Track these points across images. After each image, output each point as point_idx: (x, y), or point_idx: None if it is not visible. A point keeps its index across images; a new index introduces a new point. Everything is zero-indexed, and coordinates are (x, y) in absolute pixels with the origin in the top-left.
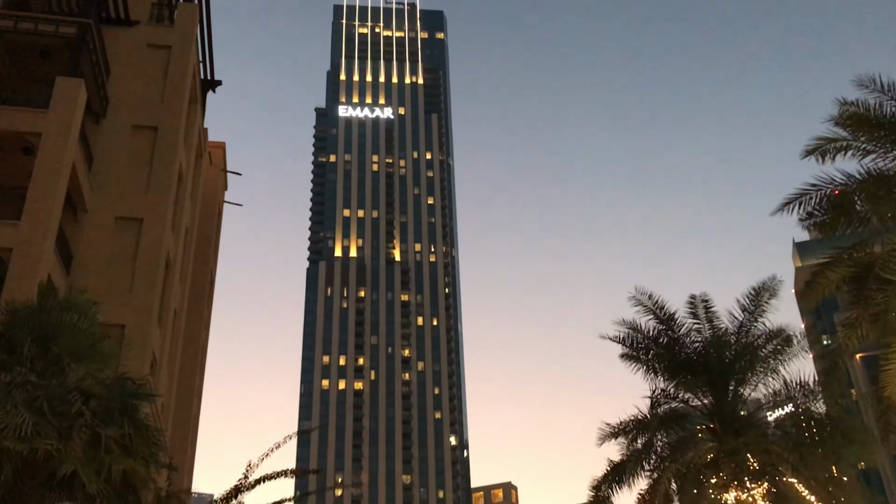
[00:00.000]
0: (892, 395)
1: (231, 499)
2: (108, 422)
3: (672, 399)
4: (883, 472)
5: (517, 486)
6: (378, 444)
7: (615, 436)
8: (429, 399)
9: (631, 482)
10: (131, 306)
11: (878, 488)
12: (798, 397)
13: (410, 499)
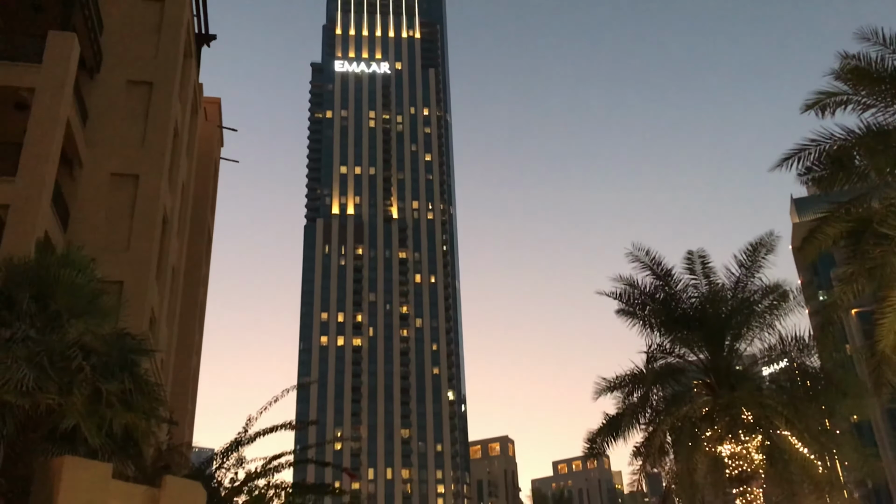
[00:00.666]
0: (886, 348)
1: (231, 452)
2: (108, 377)
3: (668, 354)
4: (875, 424)
5: (514, 440)
6: (377, 400)
7: (611, 390)
8: (427, 355)
9: (626, 435)
10: (129, 263)
11: (870, 440)
12: (793, 352)
13: (409, 452)
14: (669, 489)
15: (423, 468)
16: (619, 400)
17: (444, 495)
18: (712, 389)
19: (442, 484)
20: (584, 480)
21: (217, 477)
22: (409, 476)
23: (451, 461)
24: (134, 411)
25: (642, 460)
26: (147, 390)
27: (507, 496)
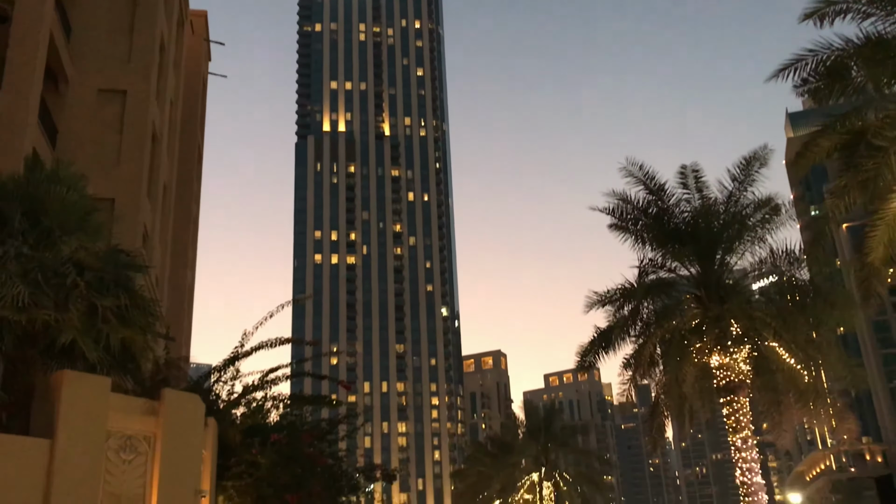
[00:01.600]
0: (875, 260)
1: (228, 366)
2: (103, 293)
3: (659, 268)
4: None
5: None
6: (371, 316)
7: (602, 304)
8: (420, 273)
9: (616, 347)
10: (120, 180)
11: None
12: (783, 266)
13: (403, 367)
14: (658, 399)
15: (418, 381)
16: (610, 314)
17: (438, 407)
18: (702, 303)
19: (436, 396)
20: (575, 392)
21: (215, 390)
22: (403, 389)
23: (445, 375)
24: (130, 326)
25: (632, 372)
26: (143, 306)
27: (499, 408)
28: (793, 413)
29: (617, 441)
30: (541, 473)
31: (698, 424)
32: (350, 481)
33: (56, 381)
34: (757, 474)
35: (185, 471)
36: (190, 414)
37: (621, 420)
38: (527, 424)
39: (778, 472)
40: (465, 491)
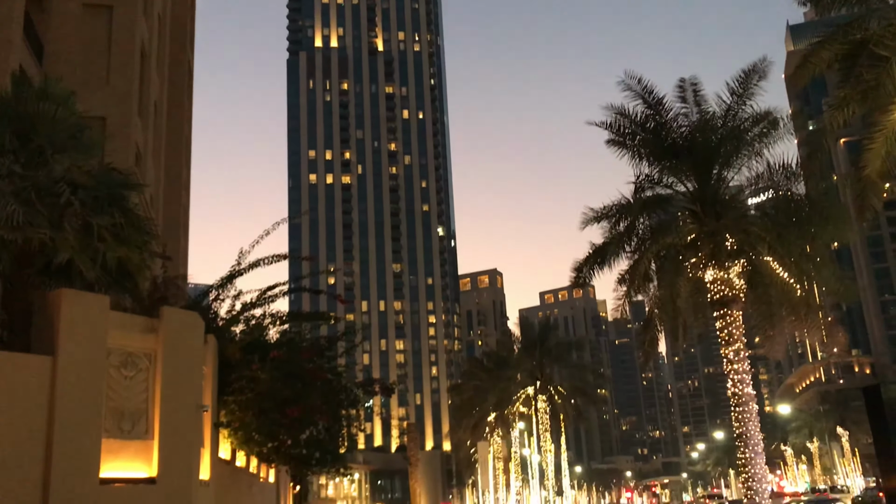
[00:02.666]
0: (872, 173)
1: (226, 284)
2: (97, 211)
3: (656, 184)
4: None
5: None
6: (368, 236)
7: (598, 220)
8: (416, 192)
9: (612, 263)
10: (110, 98)
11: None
12: (780, 181)
13: (400, 286)
14: (652, 314)
15: (415, 300)
16: (606, 230)
17: (435, 325)
18: (698, 217)
19: (433, 315)
20: (570, 309)
21: (213, 308)
22: (401, 308)
23: (442, 293)
24: (126, 245)
25: (627, 287)
26: (138, 224)
27: (495, 326)
28: (784, 326)
29: (611, 356)
30: (535, 387)
31: (691, 338)
32: (349, 395)
33: (55, 300)
34: (748, 385)
35: (187, 386)
36: (189, 331)
37: (615, 336)
38: (522, 340)
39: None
40: (462, 405)
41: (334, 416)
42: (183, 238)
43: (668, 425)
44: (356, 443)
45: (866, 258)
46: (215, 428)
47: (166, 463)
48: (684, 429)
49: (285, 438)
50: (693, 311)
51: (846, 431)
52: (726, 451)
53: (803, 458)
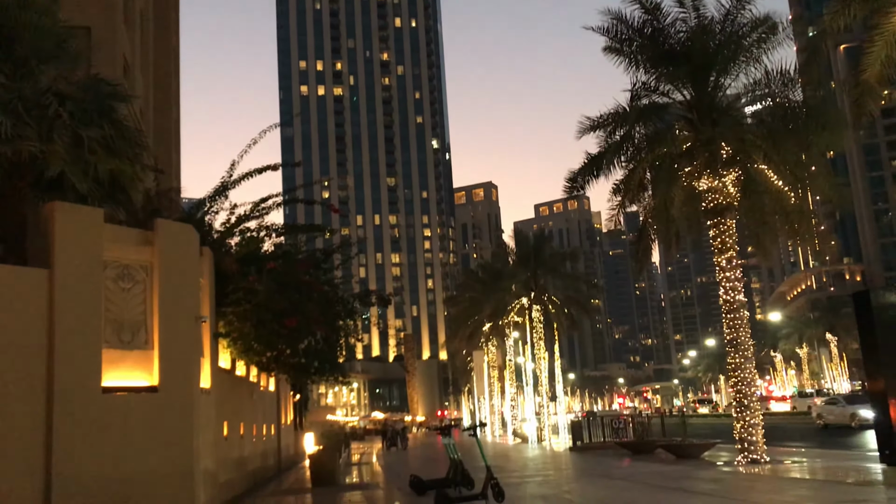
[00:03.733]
0: (871, 77)
1: (219, 195)
2: (87, 123)
3: (652, 92)
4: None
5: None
6: (361, 149)
7: (594, 129)
8: (409, 103)
9: (607, 173)
10: (94, 7)
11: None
12: (777, 87)
13: (395, 199)
14: (646, 223)
15: (410, 214)
16: (601, 139)
17: (431, 238)
18: (694, 125)
19: (428, 228)
20: (565, 221)
21: (208, 221)
22: (396, 222)
23: (437, 207)
24: (117, 157)
25: (621, 197)
26: (128, 136)
27: (490, 238)
28: (778, 234)
29: (605, 267)
30: (530, 298)
31: (684, 248)
32: (346, 306)
33: (48, 213)
34: (740, 293)
35: (184, 298)
36: (184, 243)
37: (609, 247)
38: (517, 252)
39: (760, 293)
40: (458, 315)
41: (332, 327)
42: (175, 152)
43: (661, 333)
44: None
45: (861, 166)
46: (214, 338)
47: (167, 372)
48: (676, 337)
49: (284, 348)
50: (687, 220)
51: (835, 337)
52: (717, 357)
53: (792, 364)
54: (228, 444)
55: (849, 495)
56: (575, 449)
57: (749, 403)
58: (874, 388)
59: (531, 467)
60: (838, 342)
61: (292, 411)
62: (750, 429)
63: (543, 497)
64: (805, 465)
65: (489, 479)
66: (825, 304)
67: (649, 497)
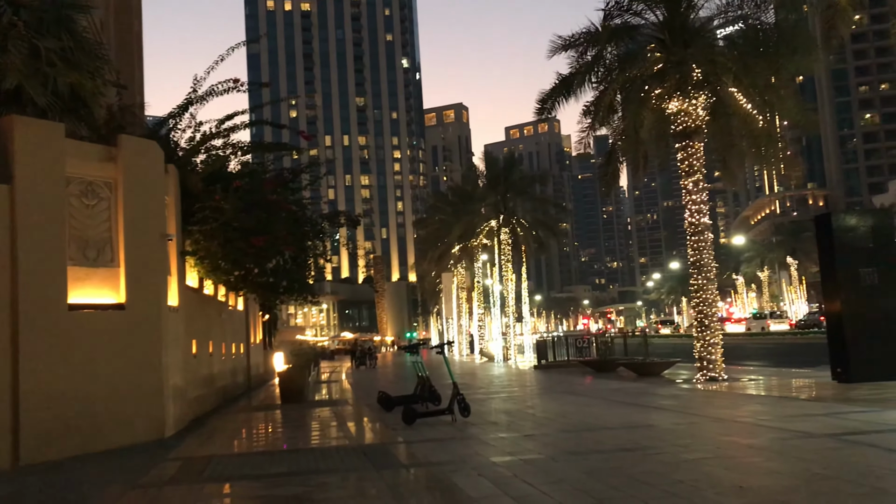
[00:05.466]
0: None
1: (184, 112)
2: (43, 33)
3: (626, 12)
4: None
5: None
6: (329, 67)
7: (566, 48)
8: (379, 20)
9: (577, 94)
10: None
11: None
12: (750, 9)
13: (364, 120)
14: (615, 146)
15: (379, 135)
16: (573, 59)
17: (401, 160)
18: (666, 47)
19: (398, 150)
20: (535, 145)
21: (173, 138)
22: (365, 142)
23: (407, 128)
24: (77, 70)
25: (591, 119)
26: (88, 48)
27: (460, 161)
28: (745, 158)
29: (574, 190)
30: (499, 220)
31: (652, 171)
32: (315, 227)
33: (6, 126)
34: (705, 216)
35: (150, 215)
36: (149, 160)
37: (579, 170)
38: (487, 174)
39: (725, 218)
40: (427, 238)
41: (300, 247)
42: (137, 67)
43: (626, 256)
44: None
45: (829, 92)
46: (181, 257)
47: (134, 290)
48: (641, 260)
49: (252, 267)
50: (655, 143)
51: (795, 261)
52: (680, 280)
53: (753, 287)
54: (197, 361)
55: (800, 410)
56: (539, 367)
57: (710, 324)
58: (830, 309)
59: (496, 384)
60: (798, 266)
61: (261, 331)
62: (709, 348)
63: (507, 412)
64: (761, 383)
65: (455, 395)
66: (788, 228)
67: (609, 411)
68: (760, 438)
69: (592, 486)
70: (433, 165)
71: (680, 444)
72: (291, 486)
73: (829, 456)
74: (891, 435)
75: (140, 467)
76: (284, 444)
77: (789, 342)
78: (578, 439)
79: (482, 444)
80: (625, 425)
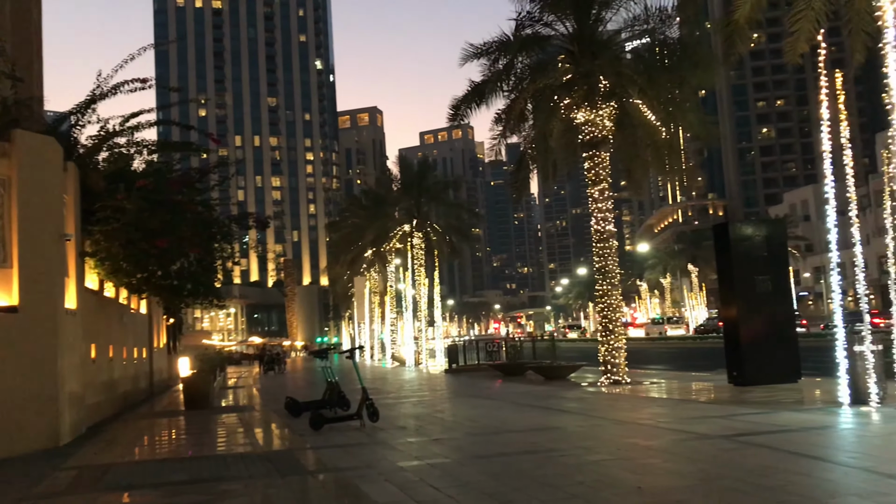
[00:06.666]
0: (741, 18)
1: (86, 109)
2: None
3: (537, 22)
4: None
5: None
6: (241, 66)
7: (478, 56)
8: (293, 21)
9: (489, 102)
10: None
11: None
12: (656, 24)
13: (276, 120)
14: (525, 154)
15: (292, 136)
16: (485, 67)
17: (313, 162)
18: (575, 58)
19: (311, 152)
20: (449, 150)
21: (73, 135)
22: (277, 143)
23: (320, 130)
24: None
25: (503, 127)
26: None
27: (374, 164)
28: (649, 168)
29: (486, 196)
30: (413, 224)
31: (561, 179)
32: (223, 228)
33: None
34: (610, 223)
35: (47, 214)
36: (46, 156)
37: (491, 177)
38: (401, 179)
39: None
40: (340, 241)
41: (207, 249)
42: (36, 60)
43: (536, 262)
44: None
45: (730, 106)
46: (80, 257)
47: (28, 291)
48: (551, 265)
49: (155, 269)
50: (564, 151)
51: (696, 268)
52: (587, 285)
53: (656, 293)
54: (96, 366)
55: (698, 412)
56: (450, 371)
57: (614, 328)
58: (727, 315)
59: (407, 389)
60: (699, 273)
61: (165, 335)
62: (614, 352)
63: (416, 416)
64: (662, 386)
65: (364, 400)
66: (689, 236)
67: (516, 415)
68: (660, 440)
69: (497, 488)
70: (347, 168)
71: (583, 446)
72: (193, 495)
73: (724, 457)
74: (780, 435)
75: (33, 477)
76: (189, 451)
77: (690, 346)
78: (486, 443)
79: (390, 449)
80: (531, 428)
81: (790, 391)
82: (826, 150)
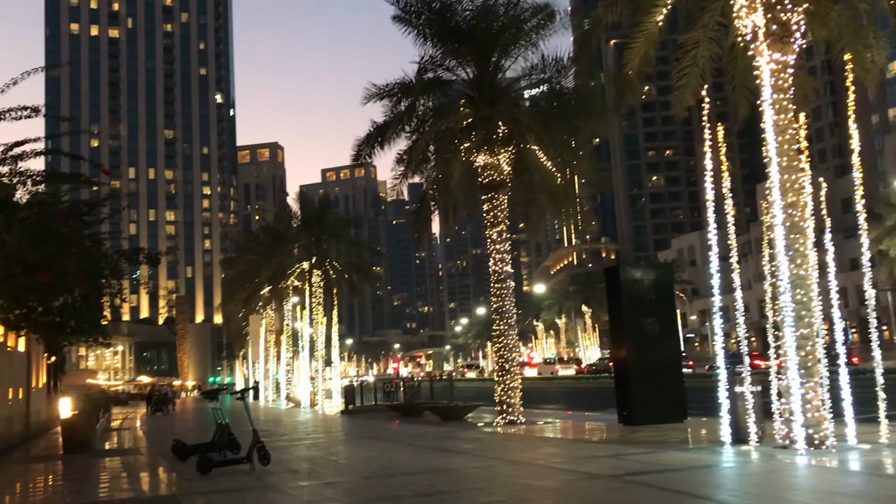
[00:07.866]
0: (632, 72)
1: None
2: None
3: (438, 66)
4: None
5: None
6: (137, 97)
7: (381, 97)
8: (193, 53)
9: (392, 143)
10: None
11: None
12: (552, 73)
13: (173, 153)
14: (427, 194)
15: (189, 170)
16: (387, 108)
17: (210, 197)
18: (475, 103)
19: (208, 186)
20: (352, 188)
21: None
22: (173, 177)
23: (218, 164)
24: None
25: (404, 167)
26: None
27: (274, 201)
28: (545, 211)
29: (388, 235)
30: (312, 262)
31: (462, 220)
32: (111, 264)
33: None
34: (508, 264)
35: None
36: None
37: (393, 216)
38: (301, 215)
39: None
40: (236, 278)
41: (93, 285)
42: None
43: (437, 301)
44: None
45: (622, 154)
46: None
47: None
48: (451, 305)
49: (35, 305)
50: (464, 193)
51: (589, 309)
52: (486, 325)
53: (552, 333)
54: None
55: (589, 452)
56: (347, 412)
57: (510, 368)
58: (617, 356)
59: (301, 430)
60: (592, 314)
61: (45, 374)
62: (509, 392)
63: (310, 459)
64: (557, 426)
65: (255, 443)
66: (583, 278)
67: (411, 456)
68: (552, 480)
69: None
70: (245, 204)
71: (477, 487)
72: None
73: (612, 496)
74: (666, 475)
75: None
76: (67, 499)
77: (583, 386)
78: (379, 485)
79: (280, 494)
80: (426, 470)
81: (676, 430)
82: (709, 199)
